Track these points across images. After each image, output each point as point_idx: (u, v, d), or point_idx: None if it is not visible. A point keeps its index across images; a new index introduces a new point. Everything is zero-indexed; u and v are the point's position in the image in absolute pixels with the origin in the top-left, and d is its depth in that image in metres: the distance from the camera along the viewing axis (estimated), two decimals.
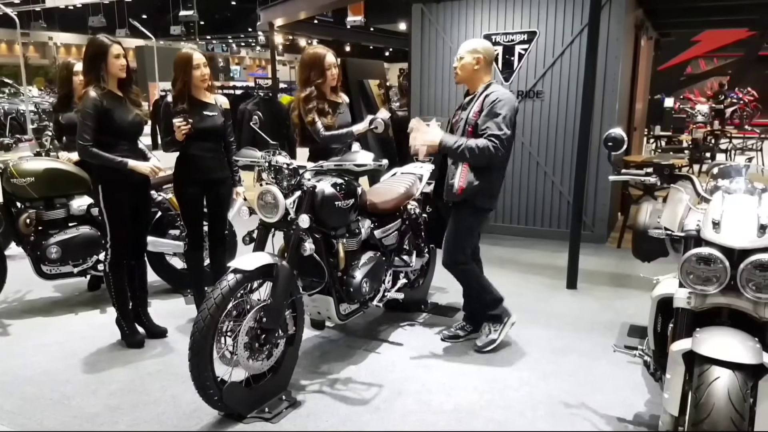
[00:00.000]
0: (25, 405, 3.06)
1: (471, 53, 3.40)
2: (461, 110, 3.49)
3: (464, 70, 3.44)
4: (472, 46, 3.44)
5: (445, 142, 3.29)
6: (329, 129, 3.71)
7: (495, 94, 3.31)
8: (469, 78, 3.45)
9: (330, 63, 3.74)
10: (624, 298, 4.55)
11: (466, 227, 3.52)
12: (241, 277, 2.80)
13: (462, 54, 3.44)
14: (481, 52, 3.41)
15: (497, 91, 3.35)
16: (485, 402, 3.08)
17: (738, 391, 1.90)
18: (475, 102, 3.36)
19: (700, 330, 2.14)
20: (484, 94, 3.34)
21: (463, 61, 3.42)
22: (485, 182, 3.38)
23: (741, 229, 2.16)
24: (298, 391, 3.16)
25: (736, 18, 8.93)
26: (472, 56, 3.39)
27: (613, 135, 2.75)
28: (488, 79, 3.45)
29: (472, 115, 3.33)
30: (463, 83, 3.55)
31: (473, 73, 3.42)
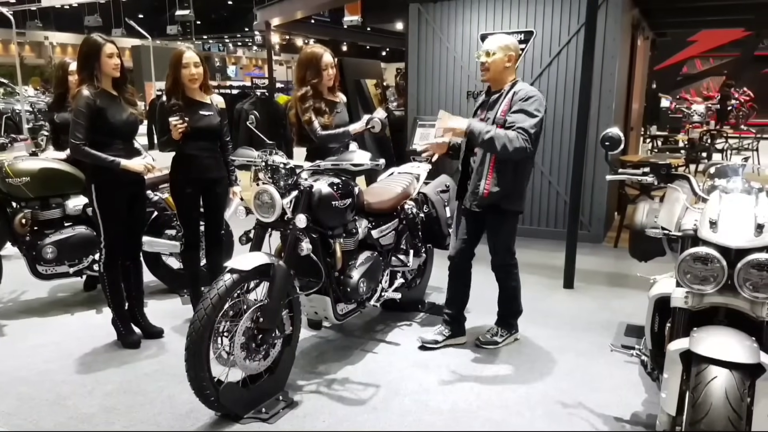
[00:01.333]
0: (21, 406, 3.04)
1: (503, 50, 3.27)
2: (486, 110, 3.38)
3: (495, 68, 3.31)
4: (504, 43, 3.30)
5: (474, 127, 3.18)
6: (326, 128, 3.71)
7: (524, 91, 3.23)
8: (498, 76, 3.33)
9: (327, 63, 3.73)
10: (621, 298, 4.56)
11: (508, 230, 3.49)
12: (238, 277, 2.79)
13: (493, 50, 3.28)
14: (513, 49, 3.31)
15: (526, 87, 3.27)
16: (483, 402, 3.07)
17: (735, 390, 1.90)
18: (503, 100, 3.26)
19: (697, 329, 2.15)
20: (512, 92, 3.25)
21: (495, 58, 3.28)
22: (511, 184, 3.31)
23: (738, 228, 2.16)
24: (295, 391, 3.15)
25: (732, 18, 8.95)
26: (504, 53, 3.27)
27: (611, 135, 2.75)
28: (514, 77, 3.37)
29: (500, 114, 3.23)
30: (490, 81, 3.39)
31: (503, 71, 3.31)
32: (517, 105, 3.19)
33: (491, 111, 3.29)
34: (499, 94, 3.32)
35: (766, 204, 2.26)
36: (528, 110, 3.17)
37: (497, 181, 3.27)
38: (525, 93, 3.22)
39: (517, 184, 3.36)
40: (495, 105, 3.29)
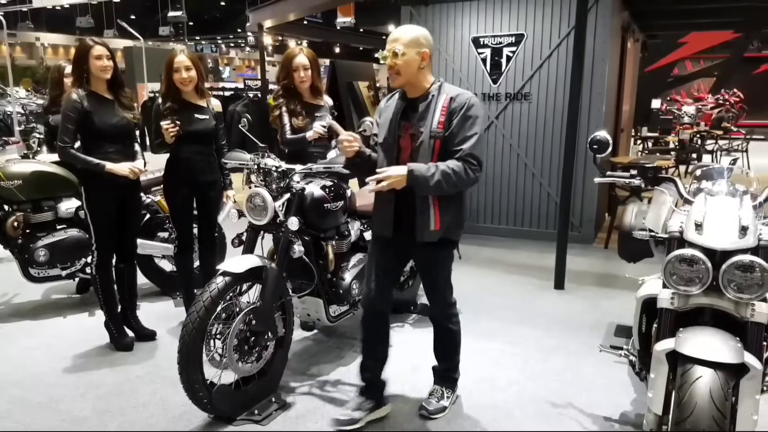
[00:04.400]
0: (13, 408, 3.05)
1: (414, 46, 2.58)
2: (414, 121, 2.66)
3: (408, 70, 2.59)
4: (413, 36, 2.60)
5: (417, 171, 2.51)
6: (299, 131, 3.71)
7: (463, 97, 2.61)
8: (414, 80, 2.63)
9: (298, 64, 3.67)
10: (611, 298, 4.60)
11: (448, 267, 2.92)
12: (231, 280, 2.81)
13: (401, 48, 2.57)
14: (426, 44, 2.62)
15: (462, 93, 2.64)
16: (474, 402, 3.10)
17: (720, 390, 1.94)
18: (434, 109, 2.60)
19: (683, 330, 2.18)
20: (444, 97, 2.61)
21: (406, 58, 2.57)
22: (457, 210, 2.76)
23: (723, 230, 2.20)
24: (288, 393, 3.17)
25: (722, 20, 9.03)
26: (416, 50, 2.58)
27: (598, 138, 2.78)
28: (432, 77, 2.69)
29: (437, 126, 2.58)
30: (405, 87, 2.68)
31: (419, 74, 2.62)
32: (458, 117, 2.58)
33: (422, 122, 2.61)
34: (426, 100, 2.64)
35: (749, 206, 2.30)
36: (474, 128, 2.60)
37: (446, 208, 2.67)
38: (465, 100, 2.60)
39: (463, 208, 2.84)
40: (426, 114, 2.61)
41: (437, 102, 2.61)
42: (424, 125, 2.61)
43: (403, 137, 2.68)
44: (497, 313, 4.30)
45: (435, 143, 2.60)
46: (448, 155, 2.59)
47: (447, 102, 2.60)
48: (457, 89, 2.68)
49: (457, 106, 2.60)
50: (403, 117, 2.70)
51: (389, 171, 2.53)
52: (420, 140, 2.61)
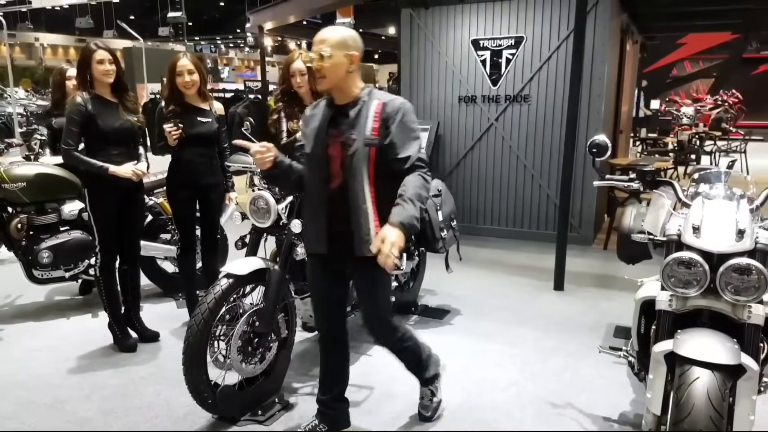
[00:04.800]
0: (18, 410, 3.08)
1: (341, 48, 2.40)
2: (343, 128, 2.46)
3: (335, 74, 2.41)
4: (341, 37, 2.42)
5: (406, 220, 2.29)
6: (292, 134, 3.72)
7: (395, 104, 2.43)
8: (342, 84, 2.44)
9: (295, 69, 3.63)
10: (610, 299, 4.63)
11: (390, 284, 2.79)
12: (234, 282, 2.84)
13: (327, 50, 2.38)
14: (354, 46, 2.44)
15: (394, 99, 2.48)
16: (474, 403, 3.14)
17: (717, 390, 1.97)
18: (366, 114, 2.43)
19: (681, 331, 2.22)
20: (376, 103, 2.43)
21: (334, 61, 2.39)
22: None
23: (720, 233, 2.23)
24: (291, 393, 3.21)
25: (721, 22, 9.07)
26: (343, 52, 2.40)
27: (597, 141, 2.82)
28: (361, 82, 2.52)
29: (371, 133, 2.40)
30: (332, 92, 2.50)
31: (347, 78, 2.44)
32: (395, 124, 2.40)
33: (353, 129, 2.42)
34: (356, 106, 2.45)
35: (746, 210, 2.34)
36: (414, 133, 2.46)
37: (385, 217, 2.39)
38: (398, 105, 2.43)
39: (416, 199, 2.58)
40: (357, 121, 2.43)
41: (369, 108, 2.43)
42: (356, 132, 2.41)
43: (331, 146, 2.47)
44: (497, 314, 4.34)
45: (370, 151, 2.41)
46: (387, 165, 2.42)
47: (379, 108, 2.42)
48: (388, 95, 2.52)
49: (391, 112, 2.42)
50: (331, 125, 2.49)
51: (386, 245, 2.23)
52: (353, 149, 2.40)
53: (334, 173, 2.47)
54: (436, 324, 4.16)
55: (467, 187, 6.57)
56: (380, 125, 2.41)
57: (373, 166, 2.42)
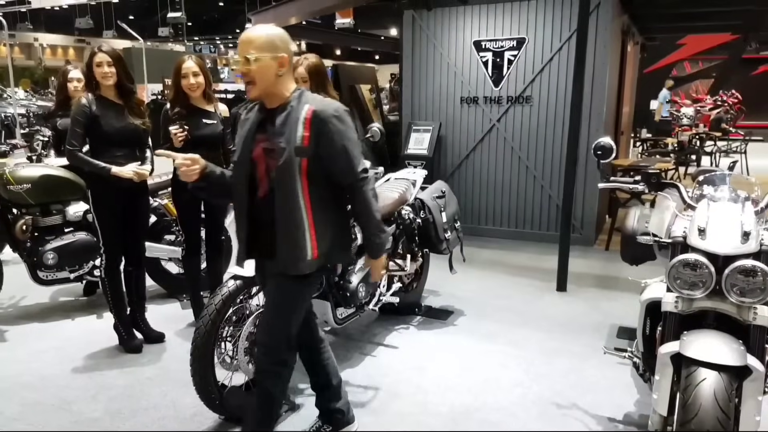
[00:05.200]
0: (25, 411, 3.09)
1: (269, 49, 2.22)
2: (271, 135, 2.28)
3: (263, 77, 2.24)
4: (268, 38, 2.24)
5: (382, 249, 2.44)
6: None
7: (329, 110, 2.26)
8: (272, 89, 2.27)
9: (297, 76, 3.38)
10: (612, 300, 4.65)
11: (303, 303, 2.48)
12: (241, 283, 2.86)
13: (253, 53, 2.21)
14: (283, 48, 2.26)
15: (328, 104, 2.31)
16: (480, 403, 3.15)
17: (723, 391, 1.99)
18: (294, 121, 2.24)
19: (687, 333, 2.23)
20: (305, 109, 2.25)
21: (260, 64, 2.21)
22: (339, 229, 2.43)
23: (725, 235, 2.25)
24: (296, 394, 3.22)
25: (721, 23, 9.09)
26: (272, 54, 2.22)
27: (603, 144, 2.84)
28: (293, 85, 2.34)
29: (301, 140, 2.22)
30: (262, 98, 2.32)
31: (277, 82, 2.26)
32: (331, 134, 2.24)
33: (281, 136, 2.24)
34: (284, 111, 2.27)
35: (751, 212, 2.35)
36: (350, 142, 2.29)
37: (324, 231, 2.31)
38: (332, 112, 2.27)
39: (346, 228, 2.49)
40: (285, 127, 2.25)
41: (298, 113, 2.25)
42: (284, 140, 2.23)
43: (255, 151, 2.31)
44: (500, 314, 4.36)
45: (301, 162, 2.22)
46: (323, 175, 2.27)
47: (310, 114, 2.24)
48: (321, 99, 2.35)
49: (324, 120, 2.23)
50: (259, 130, 2.33)
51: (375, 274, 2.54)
52: (283, 158, 2.22)
53: (260, 181, 2.31)
54: (440, 325, 4.17)
55: (469, 188, 6.59)
56: (311, 134, 2.23)
57: (306, 177, 2.25)
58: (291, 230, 2.27)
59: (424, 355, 3.72)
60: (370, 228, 2.40)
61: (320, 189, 2.30)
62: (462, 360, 3.64)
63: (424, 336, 4.00)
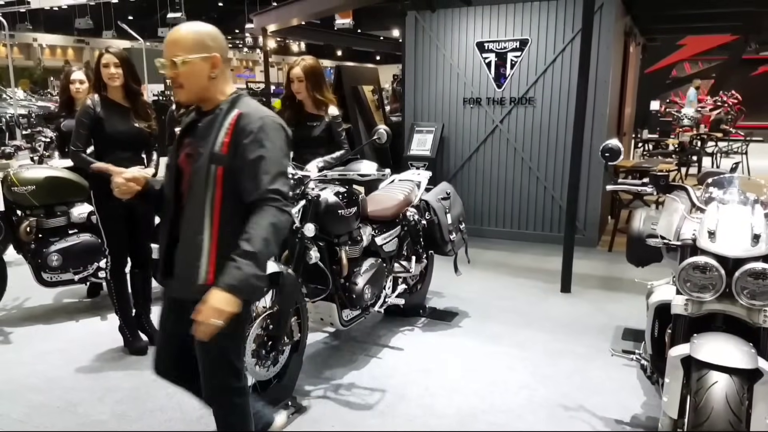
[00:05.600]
0: (32, 413, 3.09)
1: (198, 51, 2.01)
2: (195, 139, 2.07)
3: (193, 81, 2.03)
4: (197, 37, 2.02)
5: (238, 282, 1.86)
6: None
7: (253, 116, 2.01)
8: (204, 93, 2.07)
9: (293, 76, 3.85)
10: (616, 302, 4.65)
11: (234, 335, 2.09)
12: None
13: (180, 55, 1.99)
14: (216, 47, 2.05)
15: (257, 110, 2.05)
16: (487, 405, 3.15)
17: (735, 394, 1.99)
18: (220, 125, 2.02)
19: (697, 336, 2.24)
20: (234, 115, 2.02)
21: (189, 67, 2.00)
22: None
23: (735, 238, 2.26)
24: (303, 396, 3.22)
25: (721, 24, 9.10)
26: (200, 56, 2.01)
27: (610, 146, 2.84)
28: (231, 87, 2.12)
29: (219, 148, 2.00)
30: (193, 102, 2.13)
31: (209, 85, 2.05)
32: (250, 142, 1.98)
33: (203, 141, 2.03)
34: (213, 115, 2.06)
35: (761, 214, 2.36)
36: (271, 155, 1.98)
37: (227, 257, 1.92)
38: (257, 119, 2.01)
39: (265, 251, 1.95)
40: (208, 132, 2.03)
41: (224, 118, 2.02)
42: (204, 145, 2.01)
43: (180, 157, 2.11)
44: (504, 316, 4.36)
45: (216, 171, 1.99)
46: (238, 192, 2.00)
47: (234, 119, 2.00)
48: (255, 105, 2.10)
49: (247, 126, 1.99)
50: (187, 133, 2.13)
51: (204, 312, 1.85)
52: (198, 164, 2.01)
53: (184, 190, 2.09)
54: (445, 326, 4.17)
55: (472, 189, 6.58)
56: (231, 140, 1.99)
57: (220, 189, 2.00)
58: (189, 246, 2.03)
59: (429, 356, 3.71)
60: (240, 248, 1.89)
61: (234, 206, 2.01)
62: (468, 362, 3.64)
63: (429, 338, 4.00)
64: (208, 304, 1.85)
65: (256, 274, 1.89)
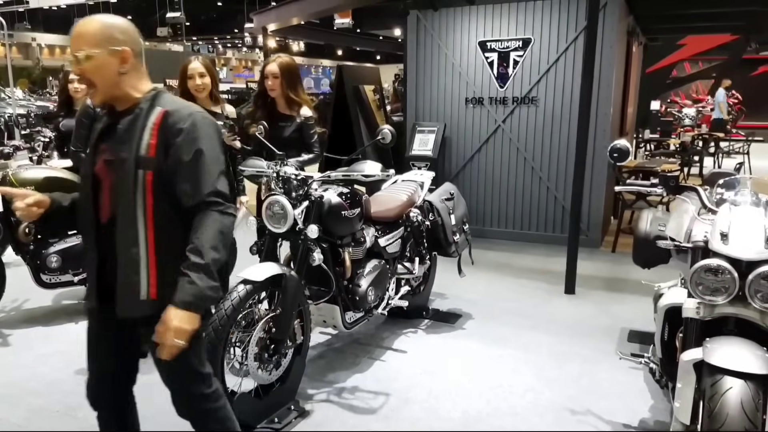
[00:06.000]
0: (32, 417, 3.04)
1: (104, 45, 1.84)
2: (112, 143, 1.91)
3: (102, 78, 1.86)
4: (102, 31, 1.85)
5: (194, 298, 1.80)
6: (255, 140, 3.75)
7: (180, 114, 1.87)
8: (114, 91, 1.90)
9: (268, 72, 3.76)
10: (621, 303, 4.61)
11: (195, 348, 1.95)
12: (251, 288, 2.81)
13: (83, 50, 1.82)
14: (123, 39, 1.87)
15: (184, 107, 1.92)
16: (492, 409, 3.11)
17: (751, 401, 1.95)
18: (141, 127, 1.86)
19: (710, 340, 2.19)
20: (155, 113, 1.87)
21: (96, 62, 1.84)
22: None
23: (749, 240, 2.21)
24: (306, 400, 3.18)
25: (723, 24, 9.07)
26: (107, 51, 1.84)
27: (619, 146, 2.80)
28: (147, 84, 1.96)
29: (146, 151, 1.84)
30: (105, 101, 1.95)
31: (120, 81, 1.88)
32: (181, 142, 1.84)
33: (125, 145, 1.85)
34: (130, 115, 1.89)
35: None
36: (206, 155, 1.86)
37: (172, 266, 1.85)
38: (185, 116, 1.87)
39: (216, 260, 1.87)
40: (129, 134, 1.86)
41: (147, 117, 1.87)
42: (127, 149, 1.85)
43: (98, 165, 1.93)
44: (509, 318, 4.32)
45: (145, 176, 1.84)
46: (171, 196, 1.87)
47: (159, 118, 1.86)
48: (181, 102, 1.96)
49: (175, 125, 1.85)
50: (104, 138, 1.95)
51: (167, 335, 1.78)
52: (122, 171, 1.85)
53: (104, 201, 1.93)
54: (449, 329, 4.13)
55: (474, 189, 6.54)
56: (158, 141, 1.84)
57: (152, 195, 1.85)
58: (125, 263, 1.87)
59: (433, 359, 3.67)
60: (188, 261, 1.81)
61: (169, 212, 1.88)
62: (472, 364, 3.60)
63: (432, 340, 3.95)
64: (168, 324, 1.78)
65: (210, 285, 1.81)
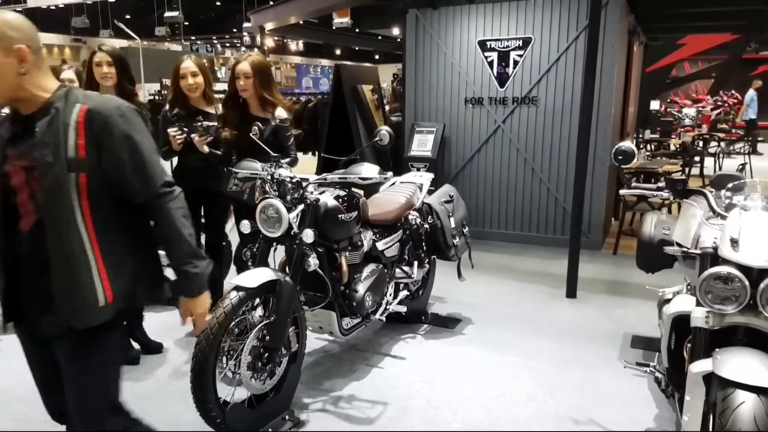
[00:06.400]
0: (18, 426, 2.97)
1: None
2: (27, 149, 1.76)
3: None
4: None
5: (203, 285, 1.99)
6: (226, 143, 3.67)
7: (106, 109, 1.78)
8: (17, 93, 1.74)
9: (239, 71, 3.55)
10: (623, 307, 4.53)
11: (114, 357, 2.00)
12: (244, 295, 2.72)
13: None
14: (18, 37, 1.70)
15: (106, 101, 1.82)
16: (493, 418, 3.03)
17: (764, 416, 1.86)
18: (65, 126, 1.73)
19: (719, 351, 2.11)
20: (76, 111, 1.75)
21: None
22: (145, 259, 1.97)
23: (760, 247, 2.13)
24: (301, 409, 3.09)
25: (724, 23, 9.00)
26: (1, 51, 1.68)
27: (623, 149, 2.72)
28: (53, 82, 1.81)
29: (74, 152, 1.73)
30: (7, 105, 1.80)
31: (21, 82, 1.72)
32: (115, 139, 1.76)
33: (46, 149, 1.72)
34: (46, 116, 1.75)
35: None
36: (143, 146, 1.82)
37: (120, 266, 1.84)
38: (111, 111, 1.78)
39: (153, 256, 2.00)
40: (50, 137, 1.73)
41: (67, 116, 1.74)
42: (51, 152, 1.72)
43: (13, 174, 1.78)
44: (509, 323, 4.23)
45: (78, 178, 1.73)
46: (110, 195, 1.80)
47: (83, 115, 1.75)
48: (99, 96, 1.86)
49: (105, 120, 1.76)
50: (13, 144, 1.80)
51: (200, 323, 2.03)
52: (51, 176, 1.72)
53: (23, 211, 1.79)
54: (448, 334, 4.04)
55: (473, 190, 6.46)
56: (87, 140, 1.74)
57: (87, 198, 1.76)
58: (70, 271, 1.75)
59: (433, 366, 3.58)
60: (179, 256, 1.90)
61: (109, 211, 1.81)
62: (472, 372, 3.51)
63: (432, 346, 3.87)
64: (199, 312, 2.03)
65: (204, 263, 1.97)
